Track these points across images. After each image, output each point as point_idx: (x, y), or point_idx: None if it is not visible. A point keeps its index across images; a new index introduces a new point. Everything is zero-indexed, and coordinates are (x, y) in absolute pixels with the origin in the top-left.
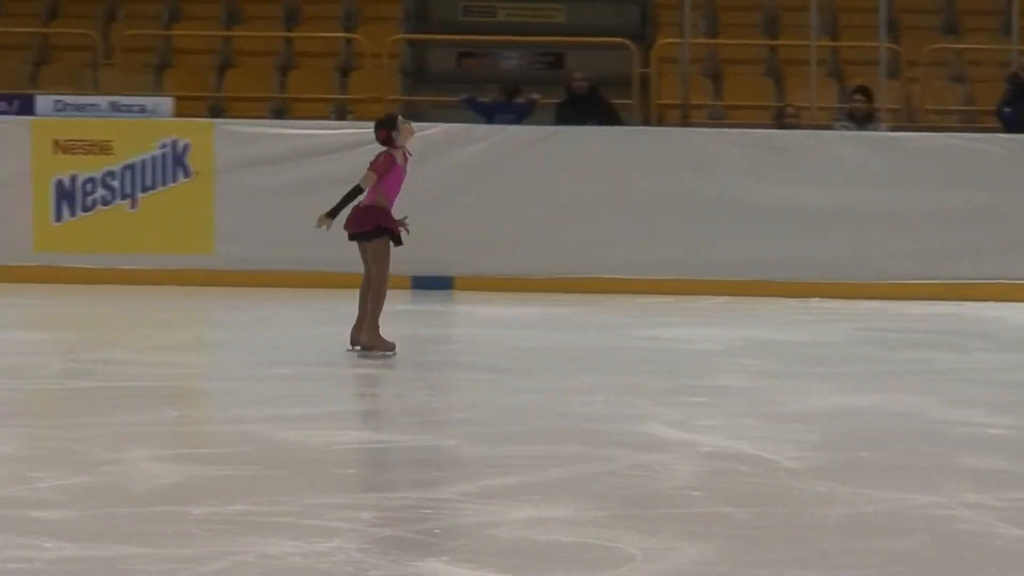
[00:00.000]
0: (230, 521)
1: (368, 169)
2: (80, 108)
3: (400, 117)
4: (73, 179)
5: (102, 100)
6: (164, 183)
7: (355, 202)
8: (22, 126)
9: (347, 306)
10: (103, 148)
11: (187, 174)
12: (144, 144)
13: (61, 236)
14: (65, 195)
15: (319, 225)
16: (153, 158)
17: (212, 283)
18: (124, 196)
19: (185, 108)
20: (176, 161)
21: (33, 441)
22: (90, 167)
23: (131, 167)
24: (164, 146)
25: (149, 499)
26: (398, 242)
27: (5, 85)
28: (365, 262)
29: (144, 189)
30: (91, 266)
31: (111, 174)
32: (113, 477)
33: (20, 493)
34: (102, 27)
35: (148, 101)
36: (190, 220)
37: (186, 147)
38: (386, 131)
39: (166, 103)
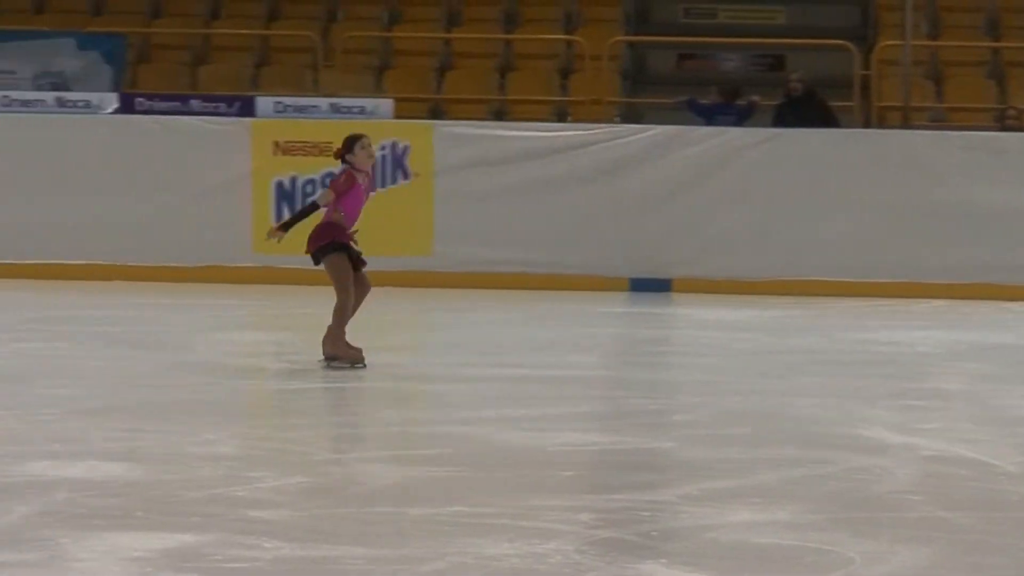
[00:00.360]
0: (448, 522)
1: (327, 187)
2: (300, 110)
3: (362, 142)
4: (293, 180)
5: (322, 102)
6: (383, 185)
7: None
8: (243, 128)
9: (566, 308)
10: (323, 150)
11: (406, 176)
12: None
13: None
14: (285, 196)
15: (269, 237)
16: None
17: (431, 284)
18: None
19: (405, 110)
20: (396, 163)
21: (252, 441)
22: (310, 169)
23: None
24: (384, 148)
25: (367, 500)
26: (356, 264)
27: (226, 87)
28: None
29: None
30: (310, 267)
31: (331, 175)
32: (331, 478)
33: (240, 493)
34: (322, 29)
35: (368, 103)
36: (409, 222)
37: (406, 149)
38: (340, 152)
39: (386, 105)
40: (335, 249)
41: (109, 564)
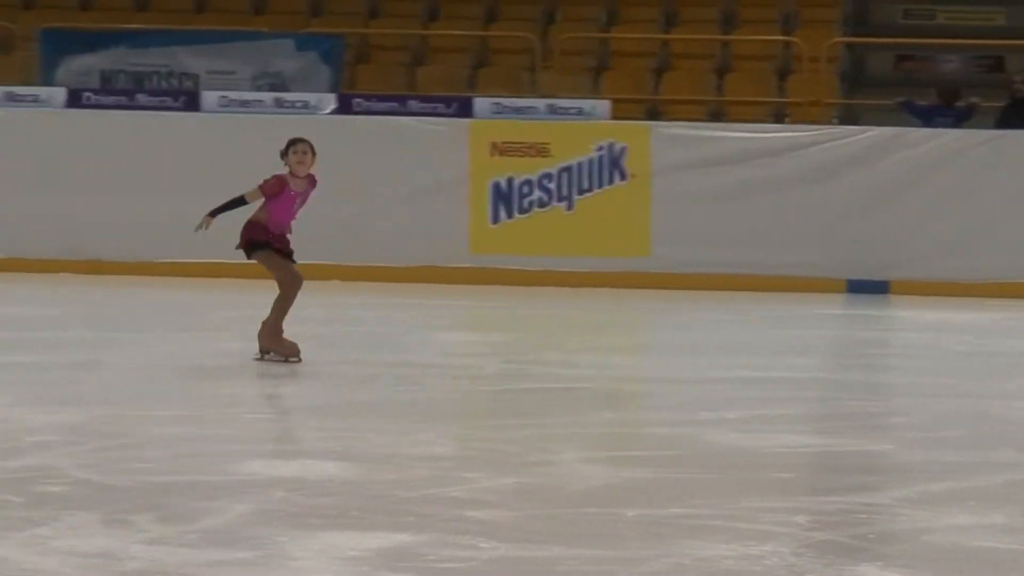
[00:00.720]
0: (663, 523)
1: (257, 185)
2: (518, 110)
3: (295, 147)
4: (510, 181)
5: (540, 103)
6: (600, 185)
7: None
8: (460, 128)
9: (783, 309)
10: (540, 150)
11: (623, 176)
12: (581, 147)
13: (497, 238)
14: (502, 197)
15: (198, 227)
16: (590, 160)
17: (648, 285)
18: (560, 199)
19: (621, 111)
20: (612, 163)
21: (468, 442)
22: (527, 169)
23: (567, 169)
24: (601, 148)
25: (582, 500)
26: (288, 256)
27: (444, 88)
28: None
29: (580, 192)
30: (527, 268)
31: (547, 176)
32: (546, 478)
33: (455, 493)
34: (540, 30)
35: (585, 104)
36: (626, 223)
37: (623, 150)
38: (282, 152)
39: (603, 106)
40: (254, 248)
41: (324, 563)
